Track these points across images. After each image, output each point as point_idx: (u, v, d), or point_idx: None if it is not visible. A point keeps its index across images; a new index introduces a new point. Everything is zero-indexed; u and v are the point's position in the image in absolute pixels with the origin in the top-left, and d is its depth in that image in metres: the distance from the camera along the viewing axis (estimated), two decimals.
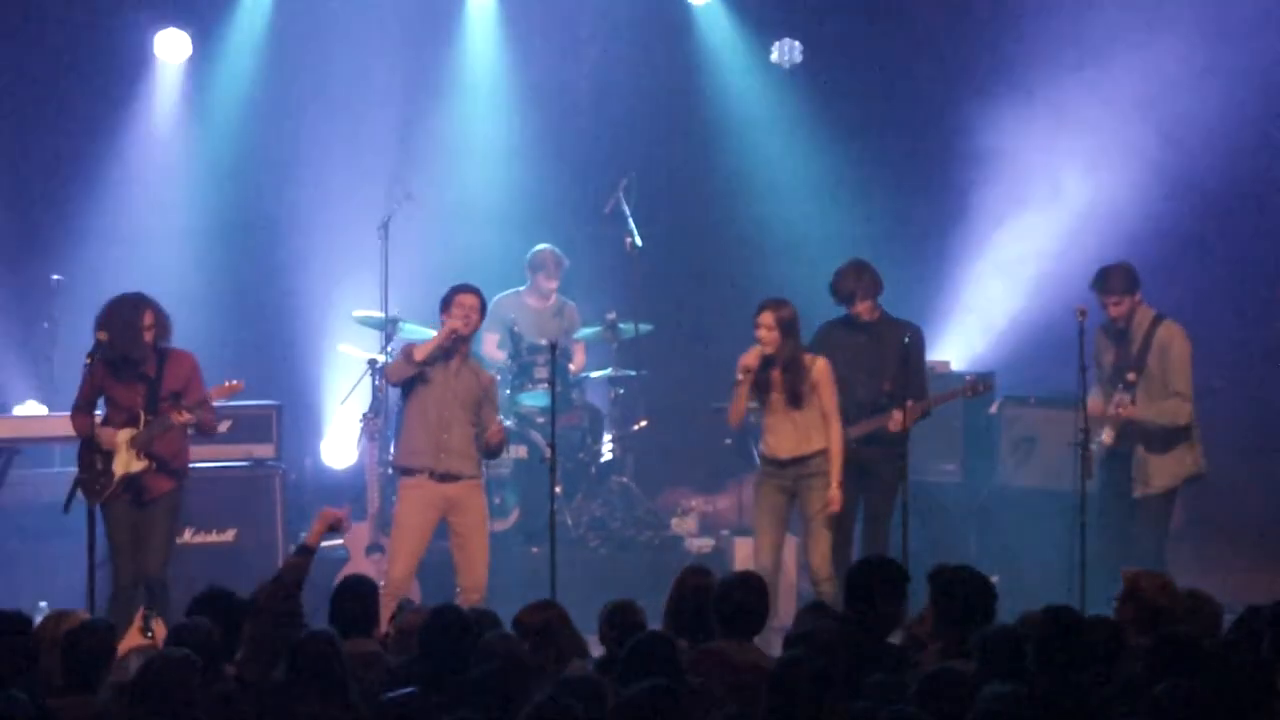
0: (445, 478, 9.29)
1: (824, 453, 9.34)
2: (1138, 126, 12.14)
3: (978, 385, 9.92)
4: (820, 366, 9.39)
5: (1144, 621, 6.58)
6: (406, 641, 6.68)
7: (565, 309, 11.84)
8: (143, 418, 8.90)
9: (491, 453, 9.50)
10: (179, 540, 9.54)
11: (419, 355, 9.27)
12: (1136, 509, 9.69)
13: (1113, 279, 9.71)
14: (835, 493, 9.29)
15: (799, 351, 9.38)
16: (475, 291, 9.37)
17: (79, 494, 8.78)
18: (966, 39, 12.66)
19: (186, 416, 8.89)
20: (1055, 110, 12.38)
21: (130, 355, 8.87)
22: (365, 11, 12.72)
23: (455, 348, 9.31)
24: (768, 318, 9.35)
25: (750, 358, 9.31)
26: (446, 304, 9.34)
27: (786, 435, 9.37)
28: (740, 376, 9.34)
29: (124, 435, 8.91)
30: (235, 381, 9.12)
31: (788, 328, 9.35)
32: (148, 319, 8.89)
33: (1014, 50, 12.45)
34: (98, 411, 8.95)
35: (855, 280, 9.67)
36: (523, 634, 6.56)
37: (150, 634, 7.25)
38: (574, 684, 5.65)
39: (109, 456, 8.90)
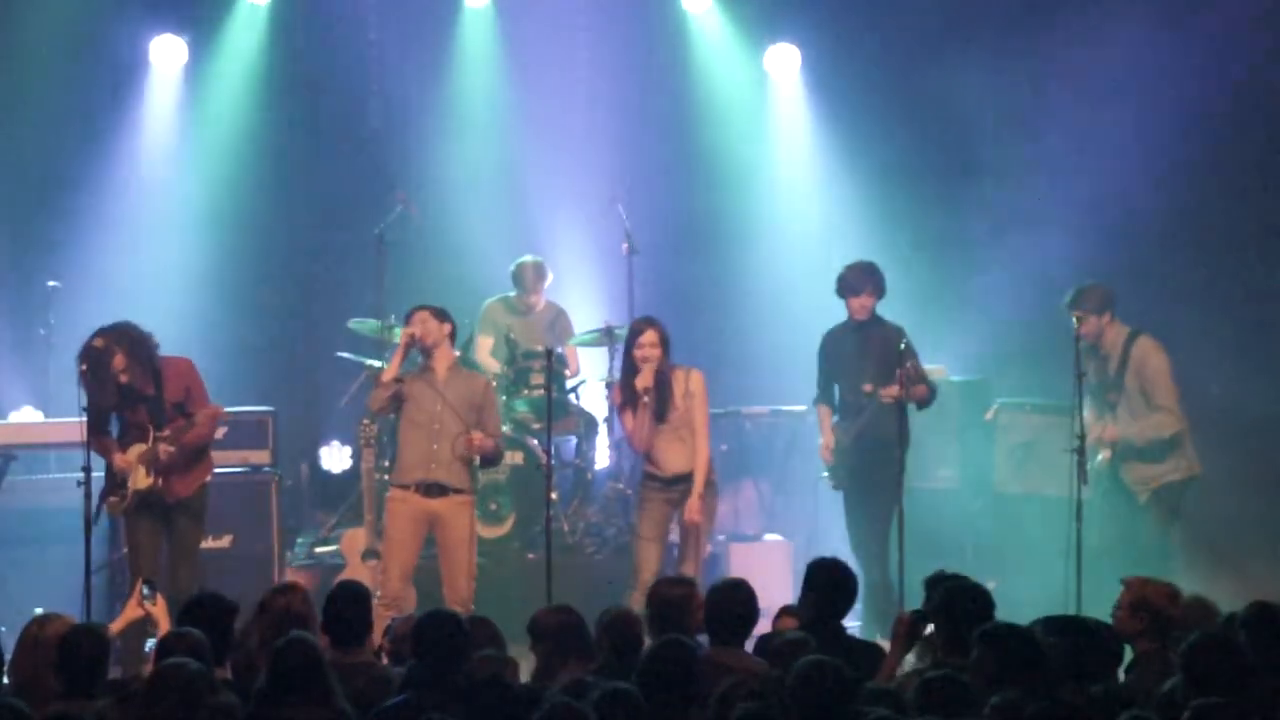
0: (432, 489, 9.33)
1: (710, 463, 9.46)
2: (1143, 126, 12.13)
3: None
4: (696, 378, 9.45)
5: (1154, 631, 6.59)
6: (400, 651, 6.68)
7: (558, 316, 11.84)
8: (151, 434, 8.91)
9: (488, 460, 9.51)
10: None
11: (387, 375, 9.39)
12: (1139, 513, 9.79)
13: (1083, 298, 9.79)
14: (694, 501, 9.34)
15: (668, 368, 9.44)
16: (425, 307, 9.51)
17: (104, 506, 8.84)
18: (965, 41, 12.66)
19: (170, 450, 8.87)
20: (1057, 114, 12.38)
21: (102, 405, 8.80)
22: (361, 19, 12.73)
23: (425, 356, 9.42)
24: (653, 335, 9.39)
25: (645, 379, 9.36)
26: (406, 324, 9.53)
27: (676, 453, 9.40)
28: (645, 400, 9.37)
29: (134, 452, 8.93)
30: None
31: (667, 345, 9.42)
32: (118, 363, 8.79)
33: (1015, 53, 12.44)
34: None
35: (859, 275, 9.73)
36: (535, 635, 6.57)
37: (151, 601, 7.22)
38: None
39: (122, 473, 8.96)
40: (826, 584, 6.94)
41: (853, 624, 8.99)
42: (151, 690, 5.73)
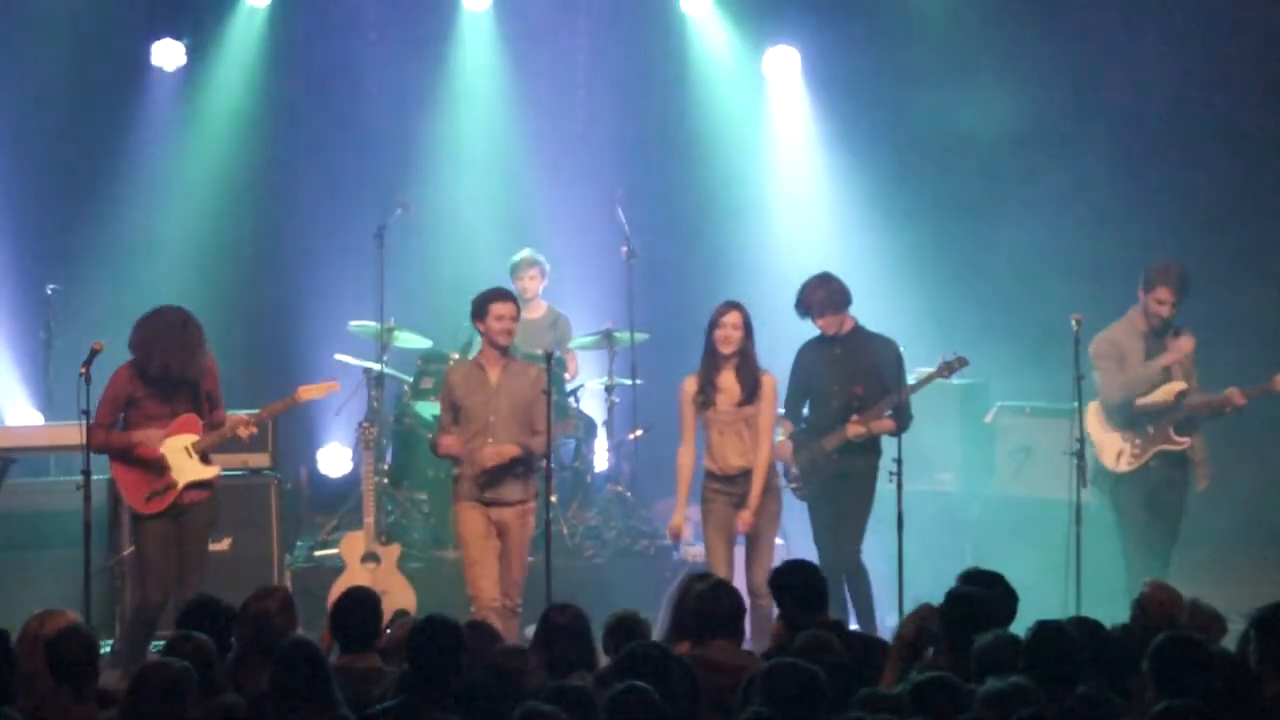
0: (494, 504, 9.20)
1: (771, 466, 9.37)
2: (1145, 131, 12.14)
3: (953, 364, 9.60)
4: (768, 380, 9.37)
5: (1150, 631, 6.59)
6: (399, 652, 6.67)
7: (558, 320, 11.84)
8: (199, 422, 8.88)
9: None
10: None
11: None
12: (1181, 511, 9.78)
13: (1186, 281, 9.60)
14: (746, 515, 9.28)
15: (753, 353, 9.38)
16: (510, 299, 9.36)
17: (127, 504, 8.75)
18: (965, 46, 12.67)
19: (254, 429, 8.93)
20: (1057, 116, 12.39)
21: (188, 377, 8.81)
22: (361, 22, 12.74)
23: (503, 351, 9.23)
24: (735, 317, 9.33)
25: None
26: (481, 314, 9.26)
27: (735, 449, 9.33)
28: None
29: (182, 441, 8.85)
30: (332, 381, 9.43)
31: (749, 329, 9.35)
32: (192, 337, 8.79)
33: (1014, 56, 12.45)
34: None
35: (811, 294, 9.56)
36: (542, 630, 6.58)
37: None
38: (561, 693, 5.67)
39: (160, 466, 8.84)
40: (797, 585, 6.97)
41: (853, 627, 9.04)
42: (133, 690, 5.74)
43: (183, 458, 8.84)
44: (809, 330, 9.73)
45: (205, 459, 8.90)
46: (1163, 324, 9.63)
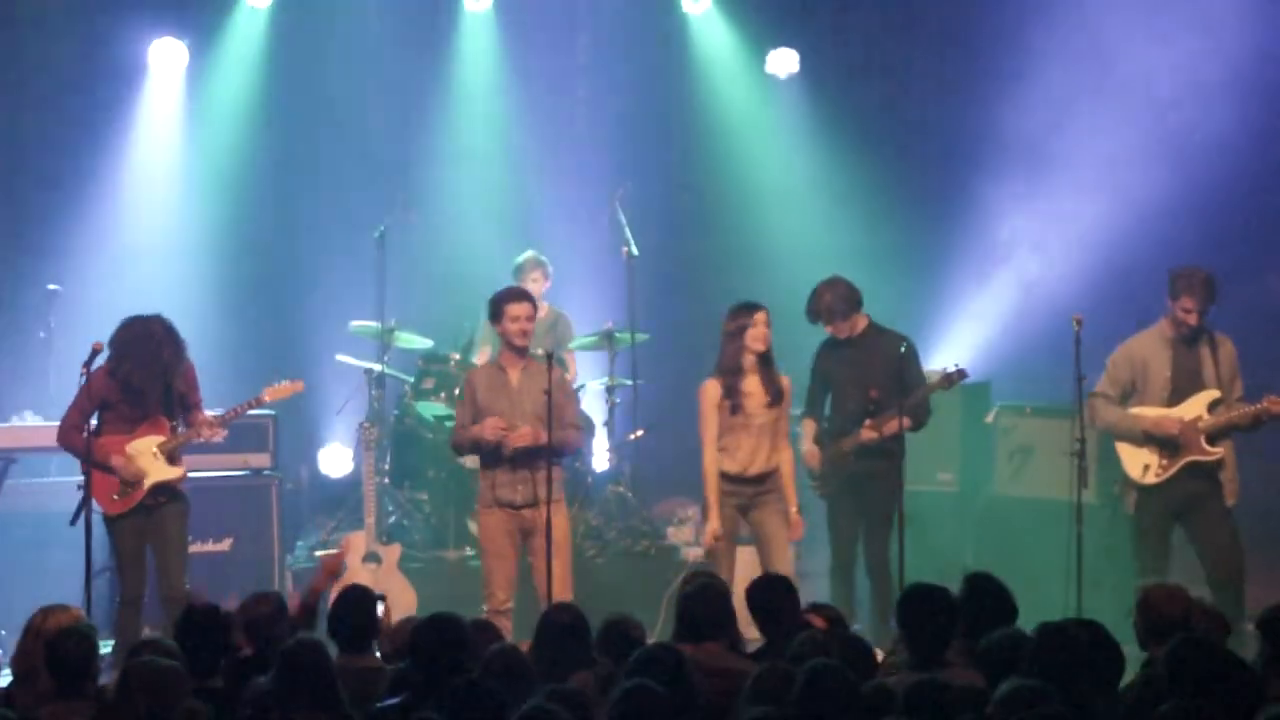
0: (518, 506, 9.14)
1: (779, 470, 9.34)
2: (1144, 131, 12.14)
3: (953, 376, 9.51)
4: (787, 384, 9.38)
5: (1156, 633, 6.59)
6: (400, 651, 6.67)
7: (558, 321, 11.83)
8: (168, 424, 8.91)
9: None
10: None
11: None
12: (1226, 518, 9.37)
13: (1211, 288, 9.18)
14: (797, 517, 9.31)
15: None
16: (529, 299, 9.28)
17: (94, 504, 8.75)
18: (965, 46, 12.68)
19: (221, 433, 8.95)
20: (1057, 117, 12.39)
21: (155, 389, 8.85)
22: (362, 21, 12.75)
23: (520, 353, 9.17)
24: (765, 315, 9.31)
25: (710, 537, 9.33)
26: (497, 315, 9.21)
27: (761, 453, 9.30)
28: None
29: (149, 443, 8.90)
30: (297, 381, 9.43)
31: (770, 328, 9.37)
32: (166, 354, 8.84)
33: (1014, 58, 12.45)
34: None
35: (820, 300, 9.53)
36: (542, 629, 6.57)
37: None
38: (563, 694, 5.67)
39: (127, 467, 8.87)
40: (771, 601, 6.99)
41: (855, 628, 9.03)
42: (121, 689, 5.73)
43: (149, 459, 8.89)
44: (807, 328, 9.75)
45: (172, 460, 8.94)
46: (1192, 332, 9.25)
